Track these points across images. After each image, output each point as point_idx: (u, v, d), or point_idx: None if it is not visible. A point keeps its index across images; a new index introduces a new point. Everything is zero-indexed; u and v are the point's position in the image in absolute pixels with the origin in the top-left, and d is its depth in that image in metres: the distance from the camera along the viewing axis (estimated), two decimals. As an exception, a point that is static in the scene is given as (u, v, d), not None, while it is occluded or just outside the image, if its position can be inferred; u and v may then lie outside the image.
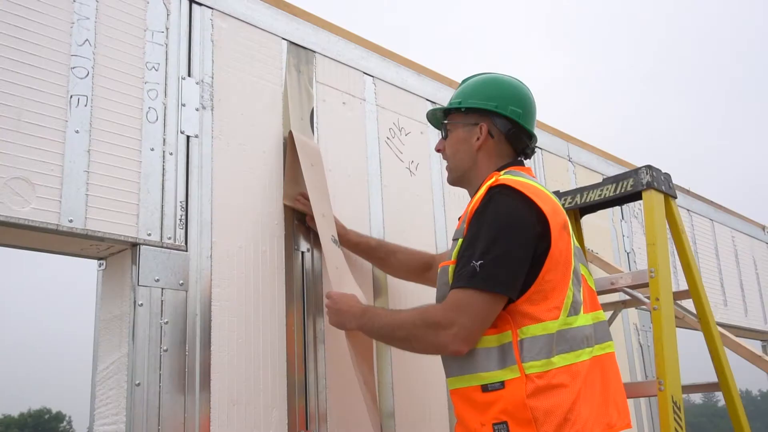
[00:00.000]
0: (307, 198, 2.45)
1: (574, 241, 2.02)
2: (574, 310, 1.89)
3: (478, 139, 2.14)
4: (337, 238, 2.48)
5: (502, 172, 2.05)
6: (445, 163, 2.27)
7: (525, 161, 2.24)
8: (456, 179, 2.23)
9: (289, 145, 2.50)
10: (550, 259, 1.86)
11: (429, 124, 3.15)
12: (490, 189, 1.94)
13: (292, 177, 2.47)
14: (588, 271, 2.10)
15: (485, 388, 1.84)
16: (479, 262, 1.84)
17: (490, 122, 2.14)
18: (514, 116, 2.13)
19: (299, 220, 2.48)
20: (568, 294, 1.88)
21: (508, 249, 1.85)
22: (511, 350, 1.82)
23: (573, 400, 1.78)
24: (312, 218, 2.44)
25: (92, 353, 2.13)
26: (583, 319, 1.92)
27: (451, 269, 1.94)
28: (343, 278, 2.40)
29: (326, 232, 2.41)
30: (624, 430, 1.92)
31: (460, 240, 1.94)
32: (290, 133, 2.51)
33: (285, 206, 2.45)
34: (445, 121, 2.25)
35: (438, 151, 2.28)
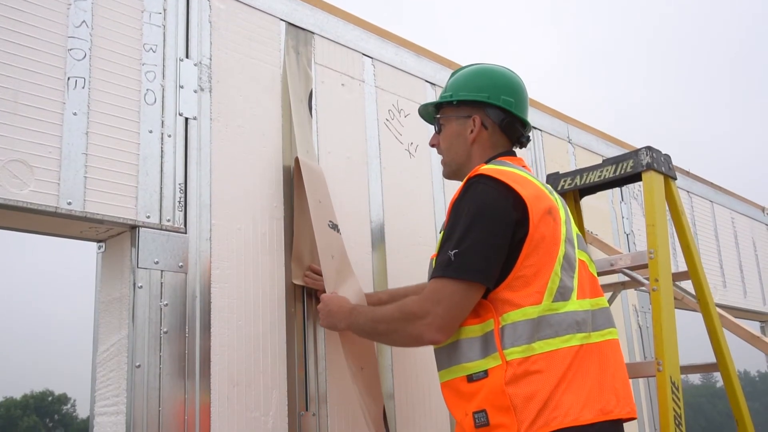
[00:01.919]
0: (316, 272, 2.40)
1: (570, 228, 2.01)
2: (561, 296, 1.86)
3: (472, 131, 2.13)
4: (336, 223, 2.47)
5: (488, 164, 2.05)
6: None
7: (522, 149, 2.23)
8: (451, 173, 2.22)
9: (296, 208, 2.45)
10: (528, 244, 1.84)
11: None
12: (469, 179, 1.94)
13: (299, 255, 2.41)
14: (589, 258, 2.08)
15: (470, 378, 1.84)
16: (454, 251, 1.85)
17: (483, 114, 2.13)
18: (507, 106, 2.12)
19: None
20: (553, 279, 1.85)
21: (483, 237, 1.84)
22: (493, 338, 1.82)
23: (554, 386, 1.76)
24: (323, 292, 2.40)
25: (92, 335, 2.14)
26: (575, 305, 1.88)
27: (435, 261, 1.95)
28: (340, 269, 2.40)
29: (322, 219, 2.40)
30: (625, 419, 1.88)
31: (443, 232, 1.95)
32: (296, 169, 2.47)
33: (284, 189, 2.44)
34: (438, 116, 2.23)
35: (432, 146, 2.27)
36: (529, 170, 2.11)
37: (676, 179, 2.85)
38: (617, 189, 4.28)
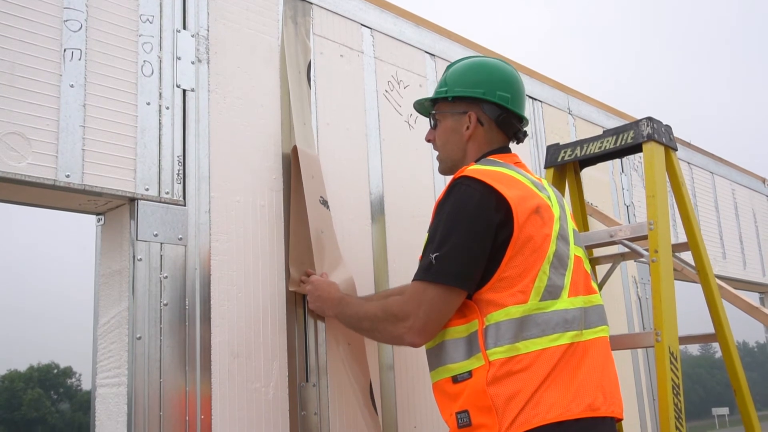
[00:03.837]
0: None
1: (565, 224, 1.99)
2: (549, 294, 1.84)
3: (467, 128, 2.11)
4: (326, 199, 2.47)
5: (476, 163, 2.03)
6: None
7: (519, 144, 2.20)
8: (447, 169, 2.19)
9: (293, 211, 2.41)
10: (513, 245, 1.82)
11: (427, 77, 3.14)
12: (453, 180, 1.93)
13: (296, 262, 2.37)
14: (585, 254, 2.06)
15: (455, 380, 1.84)
16: (435, 254, 1.85)
17: (479, 109, 2.11)
18: (503, 102, 2.09)
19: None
20: (540, 277, 1.83)
21: (464, 241, 1.83)
22: (477, 339, 1.81)
23: (538, 385, 1.75)
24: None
25: (93, 308, 2.14)
26: (565, 303, 1.87)
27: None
28: (329, 247, 2.40)
29: (314, 194, 2.40)
30: (613, 417, 1.87)
31: (428, 233, 1.95)
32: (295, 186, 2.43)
33: (283, 161, 2.44)
34: (433, 111, 2.21)
35: (428, 141, 2.25)
36: (522, 166, 2.08)
37: (676, 150, 2.84)
38: (617, 160, 4.27)
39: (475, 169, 1.93)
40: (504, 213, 1.84)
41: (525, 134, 2.19)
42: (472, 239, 1.83)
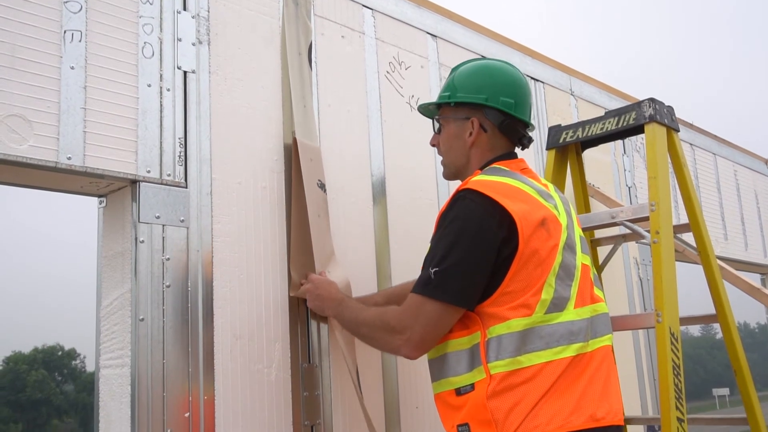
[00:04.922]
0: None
1: (572, 232, 1.96)
2: (555, 307, 1.82)
3: (470, 134, 2.07)
4: (324, 182, 2.47)
5: (482, 171, 2.00)
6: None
7: (524, 150, 2.18)
8: (451, 175, 2.17)
9: (294, 205, 2.39)
10: (518, 260, 1.79)
11: (429, 59, 3.12)
12: (456, 193, 1.90)
13: (297, 266, 2.35)
14: (591, 261, 2.03)
15: (458, 392, 1.84)
16: (434, 269, 1.82)
17: (482, 115, 2.06)
18: (506, 108, 2.05)
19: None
20: (546, 290, 1.81)
21: (465, 258, 1.80)
22: (479, 351, 1.80)
23: (539, 397, 1.74)
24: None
25: (96, 289, 2.15)
26: (572, 315, 1.84)
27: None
28: (325, 237, 2.41)
29: (312, 177, 2.40)
30: (619, 426, 1.86)
31: (431, 243, 1.93)
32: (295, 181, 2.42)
33: (284, 146, 2.43)
34: (437, 116, 2.18)
35: (433, 146, 2.23)
36: (528, 173, 2.05)
37: (678, 131, 2.83)
38: (619, 141, 4.26)
39: (478, 181, 1.89)
40: (507, 228, 1.80)
41: (530, 140, 2.15)
42: (474, 256, 1.80)
